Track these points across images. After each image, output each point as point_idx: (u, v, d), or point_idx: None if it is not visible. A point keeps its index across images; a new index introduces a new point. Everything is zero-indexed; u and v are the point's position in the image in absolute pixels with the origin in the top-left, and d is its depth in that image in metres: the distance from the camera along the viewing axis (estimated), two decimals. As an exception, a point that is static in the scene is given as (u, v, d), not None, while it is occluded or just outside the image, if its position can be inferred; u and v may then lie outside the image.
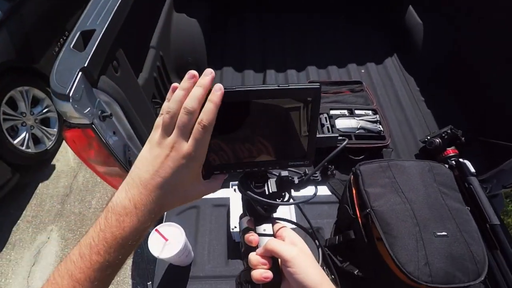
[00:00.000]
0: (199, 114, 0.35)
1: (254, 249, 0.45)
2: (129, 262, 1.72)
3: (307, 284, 0.39)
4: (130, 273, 1.69)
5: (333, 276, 1.02)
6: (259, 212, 0.46)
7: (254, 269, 0.42)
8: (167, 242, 0.99)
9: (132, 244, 0.36)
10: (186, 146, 0.35)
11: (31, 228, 1.95)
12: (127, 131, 0.89)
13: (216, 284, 1.06)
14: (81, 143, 0.95)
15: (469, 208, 1.02)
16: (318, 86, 0.37)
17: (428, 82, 1.72)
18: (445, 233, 0.90)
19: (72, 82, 0.75)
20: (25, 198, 2.05)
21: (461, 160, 1.20)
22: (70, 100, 0.74)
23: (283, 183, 0.47)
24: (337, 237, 1.09)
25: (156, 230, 1.01)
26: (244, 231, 0.47)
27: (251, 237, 0.45)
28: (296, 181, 0.47)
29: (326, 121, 1.36)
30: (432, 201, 0.96)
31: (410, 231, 0.90)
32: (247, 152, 0.40)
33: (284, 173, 0.47)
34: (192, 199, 0.41)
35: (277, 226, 0.47)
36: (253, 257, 0.43)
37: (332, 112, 1.40)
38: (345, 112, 1.41)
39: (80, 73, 0.77)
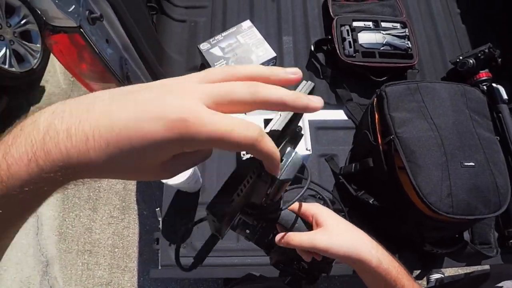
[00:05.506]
0: None
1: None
2: (133, 188, 1.71)
3: (347, 257, 0.42)
4: (135, 198, 1.69)
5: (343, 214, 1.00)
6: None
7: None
8: (174, 167, 0.93)
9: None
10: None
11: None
12: (122, 40, 0.74)
13: (226, 210, 1.04)
14: (70, 54, 0.81)
15: (498, 138, 0.96)
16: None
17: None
18: (473, 164, 0.84)
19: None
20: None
21: (494, 85, 1.09)
22: (49, -6, 0.58)
23: None
24: (353, 164, 1.03)
25: (162, 155, 0.94)
26: None
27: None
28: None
29: (348, 35, 1.19)
30: (463, 128, 0.88)
31: (436, 160, 0.83)
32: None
33: None
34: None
35: (295, 204, 0.47)
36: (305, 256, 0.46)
37: (355, 24, 1.22)
38: (370, 24, 1.23)
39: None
